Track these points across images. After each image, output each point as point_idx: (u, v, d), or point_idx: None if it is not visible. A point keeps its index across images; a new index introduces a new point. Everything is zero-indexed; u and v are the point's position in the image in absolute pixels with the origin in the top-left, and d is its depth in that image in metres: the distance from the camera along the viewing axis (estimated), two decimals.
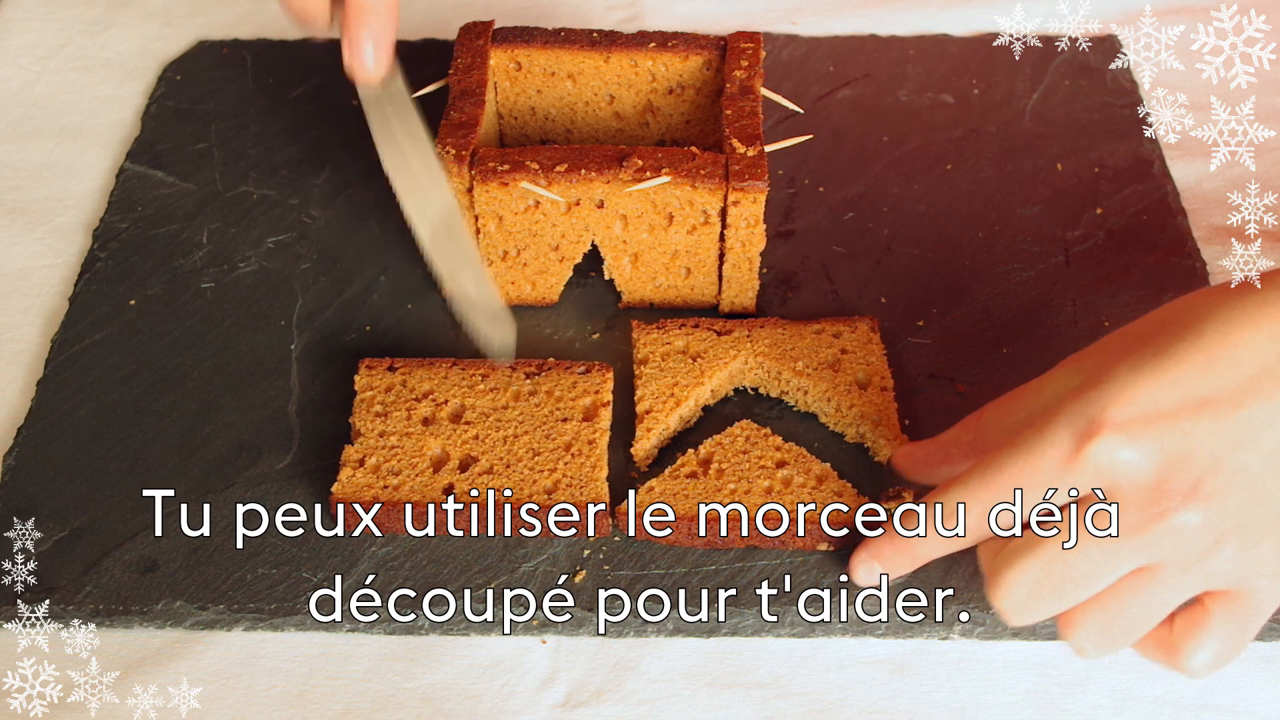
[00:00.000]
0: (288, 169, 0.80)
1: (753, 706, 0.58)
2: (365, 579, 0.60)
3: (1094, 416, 0.48)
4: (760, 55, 0.72)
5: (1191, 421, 0.48)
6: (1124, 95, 0.84)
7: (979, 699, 0.58)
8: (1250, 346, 0.48)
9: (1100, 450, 0.48)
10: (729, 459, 0.63)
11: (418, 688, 0.59)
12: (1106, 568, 0.50)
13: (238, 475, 0.64)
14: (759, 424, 0.64)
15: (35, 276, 0.75)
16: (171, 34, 0.91)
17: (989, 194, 0.79)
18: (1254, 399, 0.48)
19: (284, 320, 0.72)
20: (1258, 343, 0.48)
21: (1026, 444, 0.50)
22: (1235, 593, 0.51)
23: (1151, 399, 0.48)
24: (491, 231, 0.69)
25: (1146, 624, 0.52)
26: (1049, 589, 0.51)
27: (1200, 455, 0.48)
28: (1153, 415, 0.48)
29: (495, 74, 0.74)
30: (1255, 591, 0.51)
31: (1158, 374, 0.49)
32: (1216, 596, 0.52)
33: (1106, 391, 0.49)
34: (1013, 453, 0.50)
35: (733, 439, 0.64)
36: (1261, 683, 0.59)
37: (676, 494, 0.61)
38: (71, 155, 0.83)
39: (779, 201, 0.78)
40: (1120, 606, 0.51)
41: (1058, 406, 0.50)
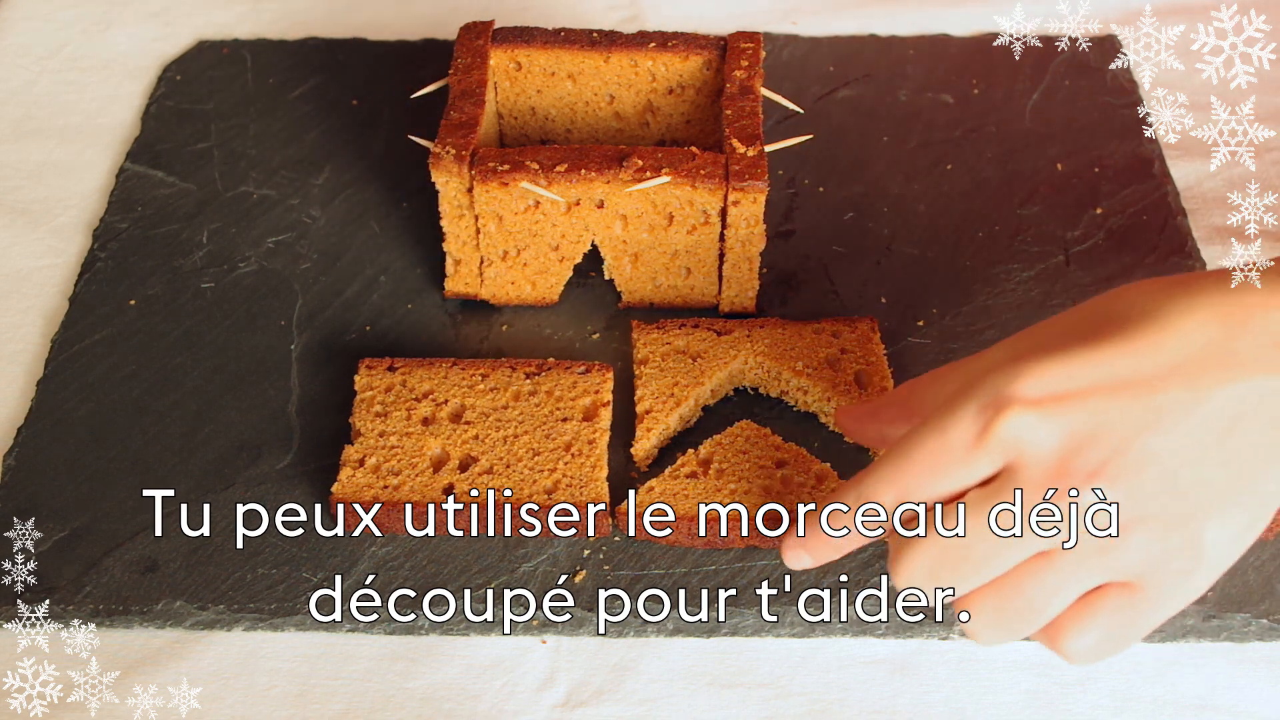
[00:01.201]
0: (288, 169, 0.80)
1: (753, 706, 0.58)
2: (365, 579, 0.60)
3: (1004, 391, 0.47)
4: (760, 55, 0.72)
5: (1104, 400, 0.46)
6: (1124, 95, 0.84)
7: (979, 699, 0.58)
8: (1177, 331, 0.47)
9: (1007, 425, 0.47)
10: (729, 459, 0.63)
11: (418, 688, 0.59)
12: (1004, 550, 0.48)
13: (238, 475, 0.64)
14: (759, 424, 0.64)
15: (35, 276, 0.75)
16: (171, 34, 0.91)
17: (989, 194, 0.79)
18: (1174, 384, 0.46)
19: (284, 320, 0.72)
20: (1185, 329, 0.47)
21: (939, 420, 0.49)
22: (1135, 585, 0.48)
23: (1066, 375, 0.47)
24: (491, 231, 0.69)
25: (1045, 611, 0.49)
26: (946, 570, 0.49)
27: (1110, 436, 0.46)
28: (1064, 393, 0.47)
29: (495, 74, 0.74)
30: (1156, 587, 0.48)
31: (1075, 353, 0.47)
32: (1115, 585, 0.49)
33: (1020, 368, 0.47)
34: (923, 431, 0.49)
35: (732, 439, 0.64)
36: (1261, 683, 0.59)
37: (676, 494, 0.61)
38: (71, 155, 0.83)
39: (779, 201, 0.78)
40: (1016, 592, 0.48)
41: (975, 382, 0.48)
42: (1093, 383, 0.47)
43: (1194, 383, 0.46)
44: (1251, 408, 0.46)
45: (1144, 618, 0.49)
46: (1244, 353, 0.46)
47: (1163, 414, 0.46)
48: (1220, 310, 0.47)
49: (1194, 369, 0.46)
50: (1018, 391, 0.47)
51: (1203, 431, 0.46)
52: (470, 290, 0.72)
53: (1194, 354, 0.46)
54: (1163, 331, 0.47)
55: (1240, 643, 0.60)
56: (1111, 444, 0.46)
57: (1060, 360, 0.47)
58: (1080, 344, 0.48)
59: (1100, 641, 0.49)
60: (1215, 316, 0.47)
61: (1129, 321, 0.48)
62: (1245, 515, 0.48)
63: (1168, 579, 0.48)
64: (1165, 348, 0.47)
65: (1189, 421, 0.46)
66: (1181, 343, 0.46)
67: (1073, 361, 0.47)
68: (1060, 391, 0.47)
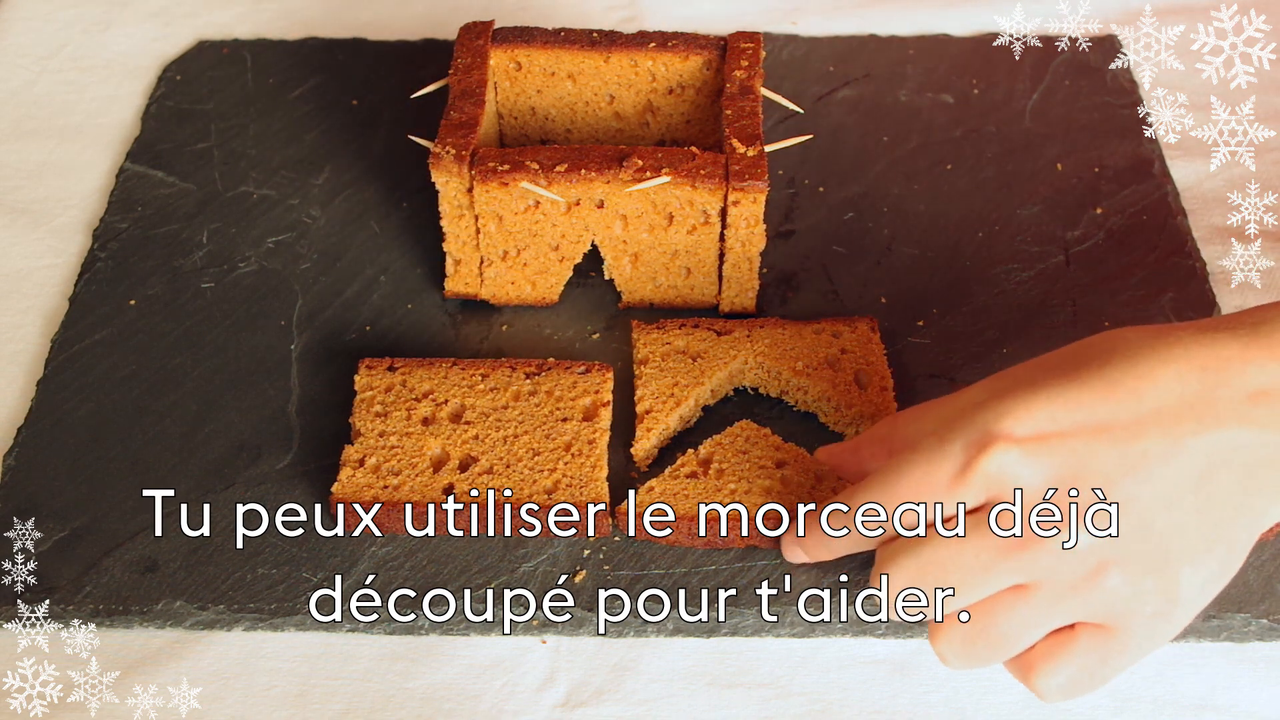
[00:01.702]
0: (288, 169, 0.80)
1: (753, 706, 0.58)
2: (365, 579, 0.60)
3: (990, 429, 0.49)
4: (760, 55, 0.72)
5: (1086, 443, 0.48)
6: (1124, 95, 0.84)
7: (979, 699, 0.58)
8: (1156, 381, 0.48)
9: (993, 462, 0.48)
10: (729, 459, 0.63)
11: (418, 688, 0.59)
12: (982, 578, 0.50)
13: (238, 475, 0.64)
14: (759, 424, 0.64)
15: (35, 276, 0.75)
16: (171, 34, 0.91)
17: (989, 194, 0.79)
18: (1153, 432, 0.48)
19: (284, 320, 0.72)
20: (1164, 379, 0.48)
21: (925, 451, 0.50)
22: (1108, 626, 0.50)
23: (1049, 417, 0.48)
24: (491, 231, 0.69)
25: (1014, 644, 0.51)
26: (924, 590, 0.51)
27: (1090, 478, 0.48)
28: (1048, 433, 0.48)
29: (495, 74, 0.74)
30: (1128, 629, 0.50)
31: (1059, 395, 0.49)
32: (1088, 626, 0.51)
33: (1006, 406, 0.49)
34: (912, 458, 0.51)
35: (732, 439, 0.64)
36: (1261, 683, 0.59)
37: (676, 494, 0.61)
38: (71, 155, 0.83)
39: (779, 201, 0.78)
40: (989, 620, 0.50)
41: (960, 417, 0.50)
42: (1075, 425, 0.48)
43: (1171, 432, 0.47)
44: (1225, 458, 0.48)
45: (1116, 658, 0.51)
46: (1220, 404, 0.48)
47: (1141, 460, 0.47)
48: (1198, 362, 0.48)
49: (1172, 418, 0.48)
50: (1003, 429, 0.48)
51: (1179, 479, 0.48)
52: (470, 290, 0.72)
53: (1172, 404, 0.48)
54: (1143, 380, 0.48)
55: (1240, 643, 0.60)
56: (1091, 486, 0.48)
57: (1044, 400, 0.49)
58: (1063, 384, 0.49)
59: (1072, 680, 0.51)
60: (1193, 368, 0.48)
61: (1110, 366, 0.49)
62: (1217, 561, 0.49)
63: (1140, 622, 0.50)
64: (1146, 396, 0.48)
65: (1166, 469, 0.48)
66: (1161, 392, 0.48)
67: (1056, 401, 0.49)
68: (1044, 432, 0.48)
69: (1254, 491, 0.48)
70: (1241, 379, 0.48)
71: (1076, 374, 0.49)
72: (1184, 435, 0.47)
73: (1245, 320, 0.50)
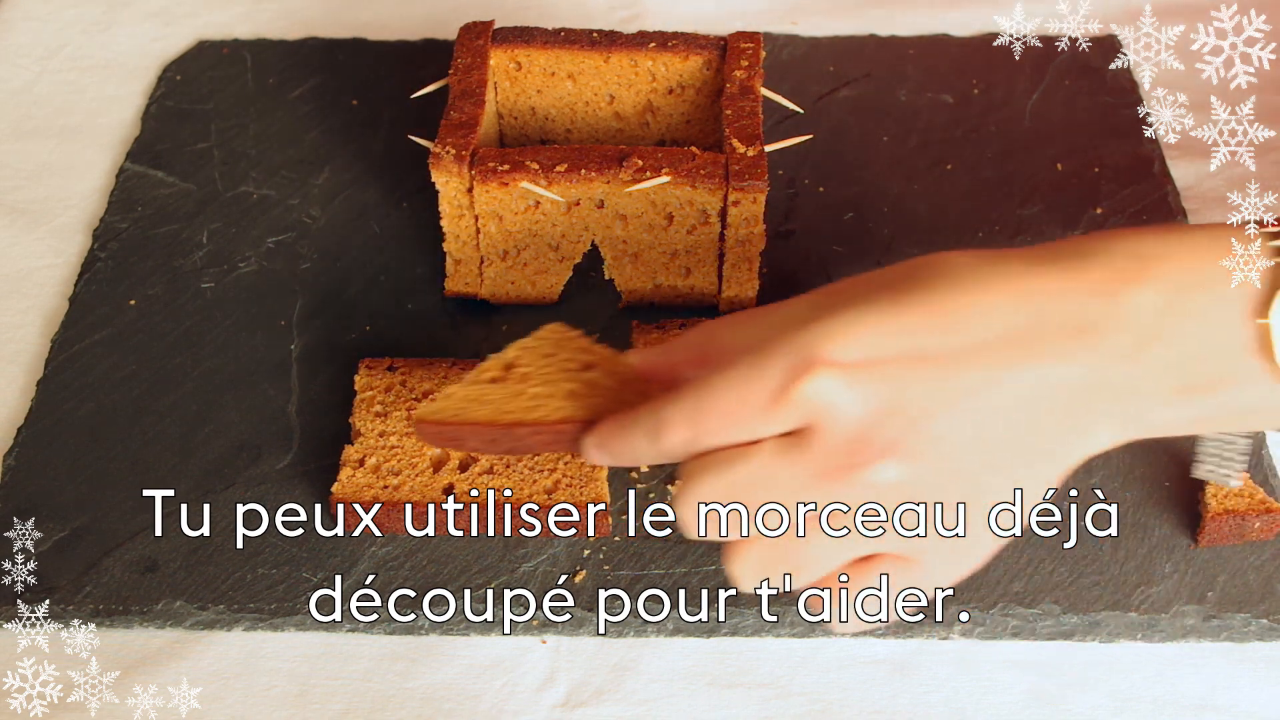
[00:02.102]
0: (288, 169, 0.80)
1: (753, 706, 0.58)
2: (365, 579, 0.60)
3: (811, 352, 0.47)
4: (760, 55, 0.72)
5: (908, 373, 0.46)
6: (1124, 95, 0.84)
7: (979, 699, 0.58)
8: (982, 311, 0.47)
9: (811, 388, 0.46)
10: (533, 362, 0.57)
11: (418, 688, 0.59)
12: (789, 501, 0.48)
13: (238, 475, 0.64)
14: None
15: (35, 276, 0.75)
16: (171, 34, 0.91)
17: (989, 194, 0.79)
18: (975, 364, 0.47)
19: (284, 320, 0.72)
20: (991, 310, 0.47)
21: (742, 370, 0.48)
22: (908, 557, 0.49)
23: (872, 342, 0.47)
24: (491, 231, 0.69)
25: (811, 571, 0.49)
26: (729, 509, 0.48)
27: (908, 410, 0.47)
28: (871, 360, 0.47)
29: (495, 74, 0.74)
30: (930, 562, 0.49)
31: (883, 319, 0.47)
32: (886, 557, 0.49)
33: (829, 329, 0.47)
34: (726, 378, 0.48)
35: (539, 342, 0.58)
36: (1261, 683, 0.59)
37: (475, 399, 0.56)
38: (71, 155, 0.83)
39: (779, 201, 0.78)
40: (790, 545, 0.48)
41: (780, 334, 0.48)
42: (897, 352, 0.47)
43: (992, 364, 0.47)
44: (1042, 392, 0.47)
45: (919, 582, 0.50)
46: (1040, 339, 0.47)
47: (958, 394, 0.46)
48: (1023, 293, 0.47)
49: (992, 352, 0.47)
50: (824, 353, 0.47)
51: (994, 412, 0.47)
52: (470, 290, 0.72)
53: (995, 336, 0.47)
54: (968, 309, 0.47)
55: (1240, 643, 0.60)
56: (907, 420, 0.46)
57: (869, 323, 0.47)
58: (888, 306, 0.48)
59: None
60: (1018, 299, 0.47)
61: (937, 291, 0.48)
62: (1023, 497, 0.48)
63: (941, 554, 0.49)
64: (969, 325, 0.47)
65: (982, 403, 0.47)
66: (985, 322, 0.47)
67: (880, 326, 0.47)
68: (865, 358, 0.47)
69: (1069, 426, 0.48)
70: (1062, 313, 0.47)
71: (903, 296, 0.48)
72: (1003, 369, 0.46)
73: (1071, 251, 0.49)
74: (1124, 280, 0.47)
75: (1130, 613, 0.59)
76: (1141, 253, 0.48)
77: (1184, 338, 0.47)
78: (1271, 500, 0.62)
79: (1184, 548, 0.62)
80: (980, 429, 0.47)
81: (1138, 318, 0.47)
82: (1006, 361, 0.47)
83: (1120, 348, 0.47)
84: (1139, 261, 0.47)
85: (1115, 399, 0.47)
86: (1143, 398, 0.47)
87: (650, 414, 0.50)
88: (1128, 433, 0.48)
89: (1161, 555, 0.61)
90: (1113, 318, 0.47)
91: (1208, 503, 0.61)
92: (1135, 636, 0.60)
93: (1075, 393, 0.47)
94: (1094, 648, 0.60)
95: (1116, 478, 0.64)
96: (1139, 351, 0.47)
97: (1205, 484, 0.62)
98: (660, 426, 0.49)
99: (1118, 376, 0.47)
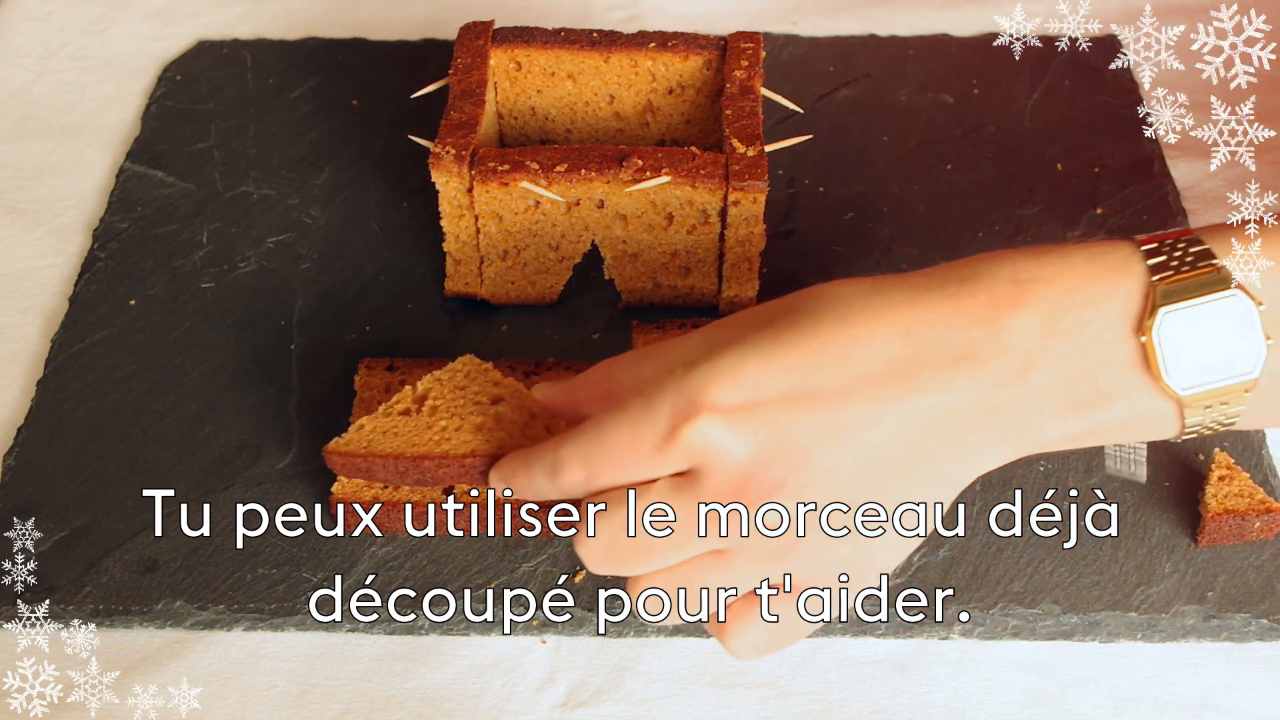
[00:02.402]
0: (288, 169, 0.80)
1: (753, 706, 0.58)
2: (365, 579, 0.60)
3: (695, 397, 0.48)
4: (760, 55, 0.72)
5: (791, 414, 0.47)
6: (1124, 95, 0.84)
7: (979, 699, 0.58)
8: (865, 345, 0.48)
9: (696, 434, 0.47)
10: (444, 395, 0.59)
11: (418, 688, 0.59)
12: (679, 545, 0.49)
13: (238, 475, 0.64)
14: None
15: (35, 276, 0.75)
16: (171, 34, 0.91)
17: (989, 194, 0.79)
18: (858, 399, 0.47)
19: (284, 320, 0.72)
20: (873, 343, 0.48)
21: (630, 414, 0.49)
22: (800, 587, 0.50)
23: (755, 384, 0.48)
24: (491, 231, 0.69)
25: (708, 604, 0.50)
26: (624, 552, 0.50)
27: (793, 450, 0.47)
28: (754, 403, 0.47)
29: (495, 74, 0.74)
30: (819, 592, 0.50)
31: (767, 360, 0.48)
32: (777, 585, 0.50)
33: (714, 371, 0.48)
34: (616, 421, 0.49)
35: (451, 374, 0.60)
36: (1261, 683, 0.59)
37: (386, 432, 0.58)
38: (71, 155, 0.83)
39: (779, 201, 0.78)
40: (685, 581, 0.50)
41: (669, 376, 0.49)
42: (780, 393, 0.47)
43: (874, 399, 0.47)
44: (927, 421, 0.47)
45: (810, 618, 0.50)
46: (923, 370, 0.47)
47: (846, 429, 0.47)
48: (905, 324, 0.48)
49: (876, 385, 0.47)
50: (709, 398, 0.47)
51: (880, 445, 0.47)
52: (470, 290, 0.72)
53: (878, 370, 0.47)
54: (851, 343, 0.48)
55: (1240, 643, 0.60)
56: (792, 459, 0.47)
57: (754, 365, 0.48)
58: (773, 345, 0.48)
59: (763, 640, 0.51)
60: (900, 331, 0.48)
61: (822, 326, 0.48)
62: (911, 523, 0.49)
63: (832, 584, 0.50)
64: (852, 360, 0.48)
65: (866, 437, 0.47)
66: (867, 356, 0.48)
67: (764, 366, 0.48)
68: (748, 401, 0.47)
69: (958, 449, 0.48)
70: (945, 343, 0.47)
71: (785, 333, 0.48)
72: (886, 402, 0.47)
73: (954, 276, 0.49)
74: (1003, 305, 0.48)
75: (1130, 613, 0.59)
76: (1020, 277, 0.48)
77: (1067, 358, 0.47)
78: (1271, 500, 0.62)
79: (1184, 548, 0.62)
80: (866, 461, 0.48)
81: (1020, 342, 0.47)
82: (888, 394, 0.47)
83: (1002, 372, 0.47)
84: (1017, 286, 0.48)
85: (1002, 421, 0.48)
86: (1030, 417, 0.48)
87: (548, 452, 0.51)
88: (1020, 449, 0.49)
89: (1161, 555, 0.61)
90: (993, 344, 0.47)
91: (1208, 503, 0.61)
92: (1135, 636, 0.60)
93: (961, 418, 0.48)
94: (1094, 648, 0.60)
95: (1116, 478, 0.64)
96: (1023, 375, 0.47)
97: (1205, 484, 0.62)
98: (557, 466, 0.51)
99: (1003, 400, 0.47)
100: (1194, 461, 0.64)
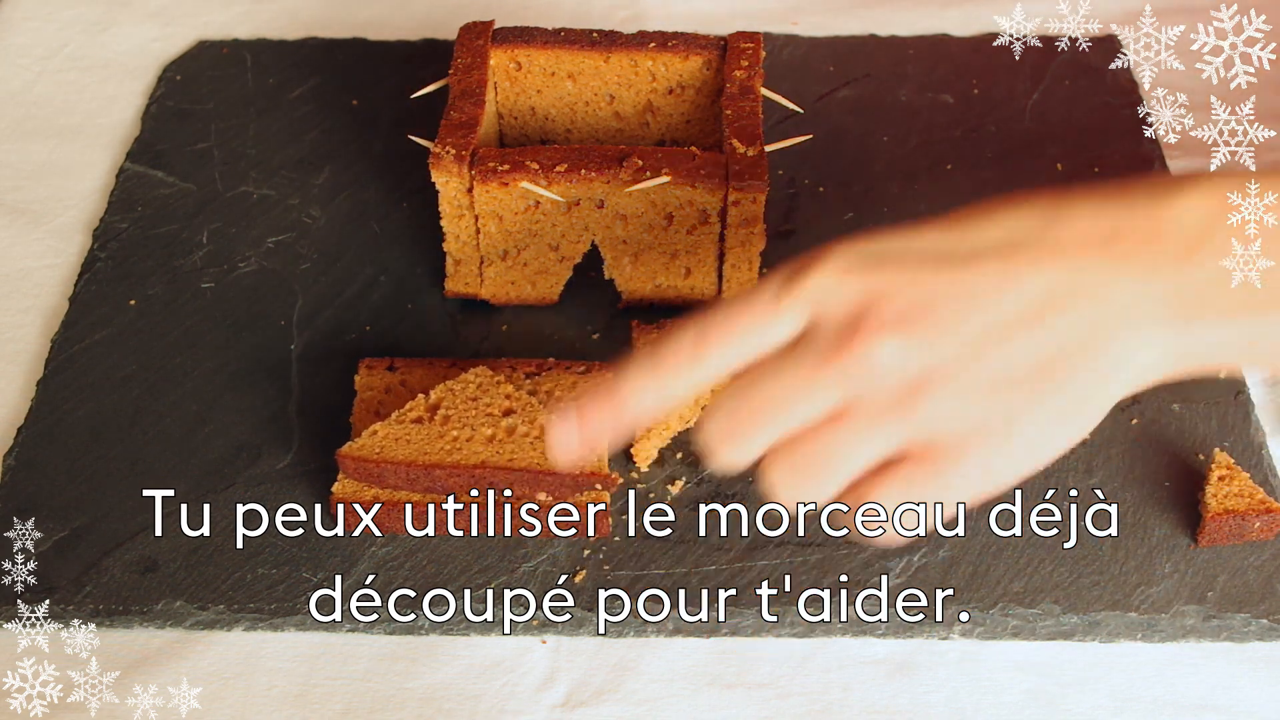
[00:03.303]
0: (288, 169, 0.80)
1: (753, 706, 0.58)
2: (365, 579, 0.60)
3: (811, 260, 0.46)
4: (760, 55, 0.72)
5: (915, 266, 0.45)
6: (1124, 95, 0.84)
7: (979, 699, 0.58)
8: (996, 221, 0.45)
9: (808, 282, 0.45)
10: (456, 405, 0.61)
11: (418, 688, 0.59)
12: (798, 394, 0.45)
13: (238, 475, 0.64)
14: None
15: (35, 276, 0.75)
16: (171, 34, 0.91)
17: (989, 194, 0.78)
18: (988, 262, 0.44)
19: (284, 320, 0.72)
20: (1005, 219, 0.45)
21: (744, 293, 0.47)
22: (937, 450, 0.45)
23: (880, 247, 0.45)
24: (491, 231, 0.69)
25: (840, 470, 0.46)
26: (745, 415, 0.46)
27: (915, 291, 0.44)
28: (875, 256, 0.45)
29: (495, 74, 0.74)
30: (961, 453, 0.45)
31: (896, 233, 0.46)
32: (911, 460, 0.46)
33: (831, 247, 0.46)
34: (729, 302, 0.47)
35: (464, 385, 0.62)
36: (1261, 683, 0.59)
37: (399, 439, 0.60)
38: (71, 155, 0.83)
39: (779, 201, 0.78)
40: (813, 446, 0.46)
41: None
42: (905, 252, 0.45)
43: (1007, 263, 0.44)
44: (1063, 295, 0.44)
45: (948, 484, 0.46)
46: (1063, 240, 0.45)
47: (973, 287, 0.44)
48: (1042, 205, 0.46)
49: (1009, 251, 0.45)
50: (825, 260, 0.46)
51: (1011, 311, 0.44)
52: (470, 290, 0.72)
53: (1012, 238, 0.45)
54: (985, 220, 0.46)
55: (1240, 643, 0.60)
56: (915, 298, 0.44)
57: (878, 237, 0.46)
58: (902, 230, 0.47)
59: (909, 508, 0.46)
60: (1037, 210, 0.46)
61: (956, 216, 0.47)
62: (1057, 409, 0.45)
63: (972, 445, 0.45)
64: (985, 232, 0.45)
65: (997, 299, 0.44)
66: (1000, 229, 0.45)
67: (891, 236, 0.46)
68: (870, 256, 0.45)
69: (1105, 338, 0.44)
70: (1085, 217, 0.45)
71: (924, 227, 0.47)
72: (1020, 266, 0.44)
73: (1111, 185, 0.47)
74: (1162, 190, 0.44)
75: (1130, 613, 0.59)
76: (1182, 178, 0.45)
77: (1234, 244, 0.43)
78: (1271, 500, 0.62)
79: (1184, 548, 0.62)
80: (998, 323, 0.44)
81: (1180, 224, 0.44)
82: (1025, 258, 0.44)
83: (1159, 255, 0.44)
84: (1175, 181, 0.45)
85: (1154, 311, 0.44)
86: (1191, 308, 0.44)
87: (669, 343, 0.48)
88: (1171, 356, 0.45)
89: (1161, 555, 0.61)
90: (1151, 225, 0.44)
91: (1208, 503, 0.61)
92: (1135, 636, 0.60)
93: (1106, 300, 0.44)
94: (1094, 648, 0.60)
95: (1116, 478, 0.64)
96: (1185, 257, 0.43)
97: (1205, 484, 0.62)
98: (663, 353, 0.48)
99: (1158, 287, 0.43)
100: (1194, 461, 0.64)
